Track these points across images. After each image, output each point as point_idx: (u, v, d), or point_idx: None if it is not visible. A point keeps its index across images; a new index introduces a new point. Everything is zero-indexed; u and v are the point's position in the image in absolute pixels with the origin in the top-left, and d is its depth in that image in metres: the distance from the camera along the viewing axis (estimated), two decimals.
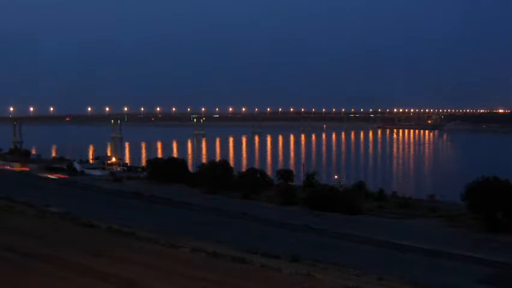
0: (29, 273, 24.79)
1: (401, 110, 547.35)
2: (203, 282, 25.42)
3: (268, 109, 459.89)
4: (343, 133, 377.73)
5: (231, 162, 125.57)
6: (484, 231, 57.75)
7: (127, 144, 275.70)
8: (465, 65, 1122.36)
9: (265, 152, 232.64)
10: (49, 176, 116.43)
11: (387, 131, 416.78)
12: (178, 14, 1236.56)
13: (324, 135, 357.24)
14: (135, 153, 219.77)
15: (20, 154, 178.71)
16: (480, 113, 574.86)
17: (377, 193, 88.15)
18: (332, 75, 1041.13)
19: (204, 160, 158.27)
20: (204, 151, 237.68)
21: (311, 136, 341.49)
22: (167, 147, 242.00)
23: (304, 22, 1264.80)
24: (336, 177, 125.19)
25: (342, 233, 55.74)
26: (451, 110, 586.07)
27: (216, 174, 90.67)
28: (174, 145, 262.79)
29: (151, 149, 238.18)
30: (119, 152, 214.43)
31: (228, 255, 35.39)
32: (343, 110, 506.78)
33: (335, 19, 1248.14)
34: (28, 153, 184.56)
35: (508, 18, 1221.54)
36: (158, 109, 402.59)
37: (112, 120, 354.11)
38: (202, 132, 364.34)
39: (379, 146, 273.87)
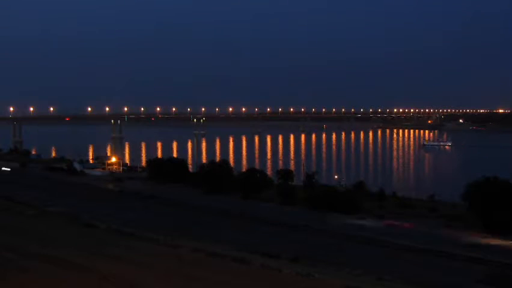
0: (29, 273, 24.76)
1: (401, 110, 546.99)
2: (203, 282, 25.40)
3: (268, 109, 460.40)
4: (343, 133, 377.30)
5: (231, 162, 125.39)
6: (484, 231, 57.71)
7: (127, 144, 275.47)
8: (465, 65, 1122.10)
9: (265, 152, 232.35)
10: None
11: (387, 131, 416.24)
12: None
13: (324, 135, 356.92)
14: (135, 153, 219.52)
15: (20, 154, 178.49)
16: (480, 113, 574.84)
17: (377, 193, 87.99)
18: (332, 75, 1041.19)
19: (204, 160, 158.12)
20: (204, 151, 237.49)
21: (311, 136, 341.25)
22: (167, 147, 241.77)
23: (303, 21, 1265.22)
24: (336, 177, 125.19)
25: (342, 233, 55.74)
26: (451, 110, 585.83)
27: (216, 174, 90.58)
28: (174, 145, 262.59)
29: (151, 149, 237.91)
30: (119, 152, 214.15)
31: (228, 255, 35.42)
32: (343, 110, 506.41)
33: (336, 19, 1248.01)
34: (28, 153, 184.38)
35: (508, 17, 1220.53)
36: (158, 109, 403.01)
37: (112, 120, 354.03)
38: (202, 132, 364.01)
39: (379, 146, 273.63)
